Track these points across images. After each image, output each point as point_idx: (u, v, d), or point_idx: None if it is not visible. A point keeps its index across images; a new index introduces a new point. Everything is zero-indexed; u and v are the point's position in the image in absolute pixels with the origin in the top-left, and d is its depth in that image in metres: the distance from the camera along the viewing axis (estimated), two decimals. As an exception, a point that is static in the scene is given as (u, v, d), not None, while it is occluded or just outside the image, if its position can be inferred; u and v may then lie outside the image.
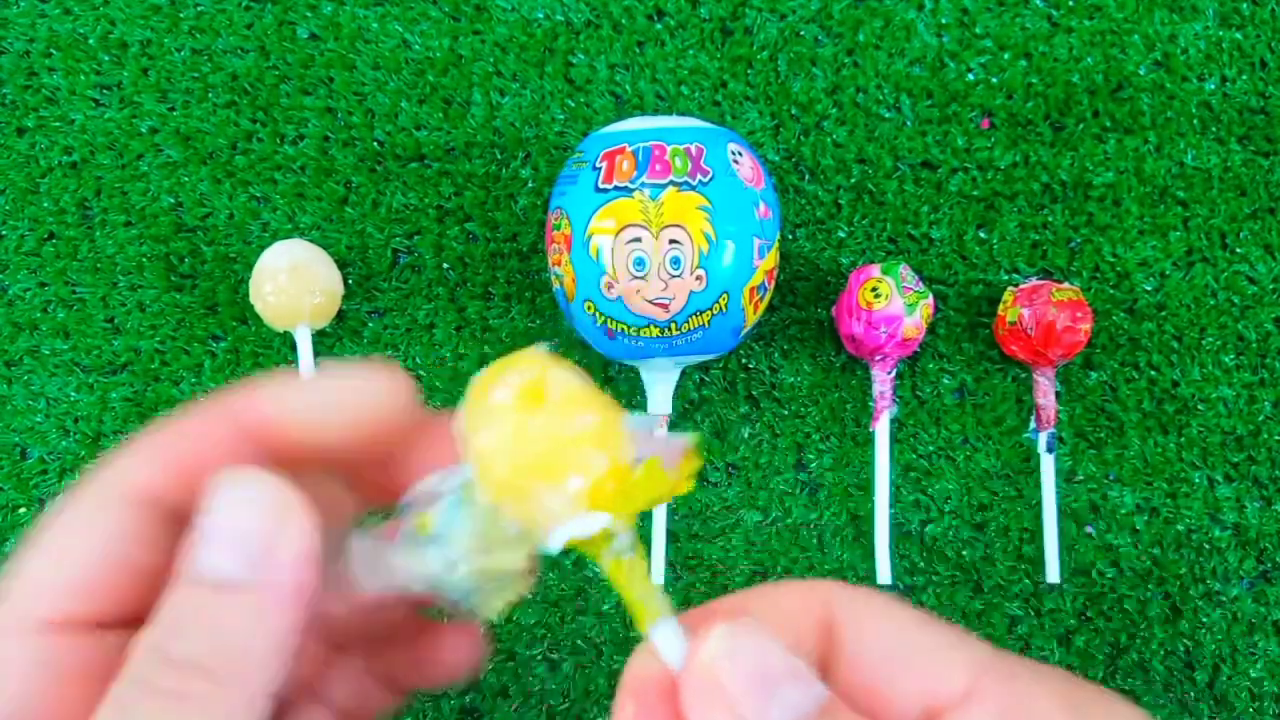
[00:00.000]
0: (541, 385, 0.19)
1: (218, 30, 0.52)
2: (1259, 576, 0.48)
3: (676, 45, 0.51)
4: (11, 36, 0.52)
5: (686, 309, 0.42)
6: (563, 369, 0.19)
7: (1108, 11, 0.50)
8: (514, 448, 0.18)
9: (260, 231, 0.51)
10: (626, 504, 0.19)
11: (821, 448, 0.49)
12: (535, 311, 0.51)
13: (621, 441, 0.19)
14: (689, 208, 0.42)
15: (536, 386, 0.19)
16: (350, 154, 0.51)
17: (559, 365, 0.20)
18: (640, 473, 0.19)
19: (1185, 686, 0.48)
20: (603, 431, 0.19)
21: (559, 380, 0.19)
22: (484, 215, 0.51)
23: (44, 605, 0.18)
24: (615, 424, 0.19)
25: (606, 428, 0.19)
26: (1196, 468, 0.49)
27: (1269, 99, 0.50)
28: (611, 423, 0.19)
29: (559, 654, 0.48)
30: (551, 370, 0.19)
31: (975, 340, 0.50)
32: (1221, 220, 0.50)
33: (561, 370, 0.19)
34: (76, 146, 0.52)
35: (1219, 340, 0.49)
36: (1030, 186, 0.50)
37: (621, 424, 0.19)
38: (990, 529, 0.49)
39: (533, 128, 0.51)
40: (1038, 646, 0.48)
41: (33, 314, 0.51)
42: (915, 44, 0.51)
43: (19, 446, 0.51)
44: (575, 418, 0.19)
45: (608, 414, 0.19)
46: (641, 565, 0.19)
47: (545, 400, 0.19)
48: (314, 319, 0.48)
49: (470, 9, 0.51)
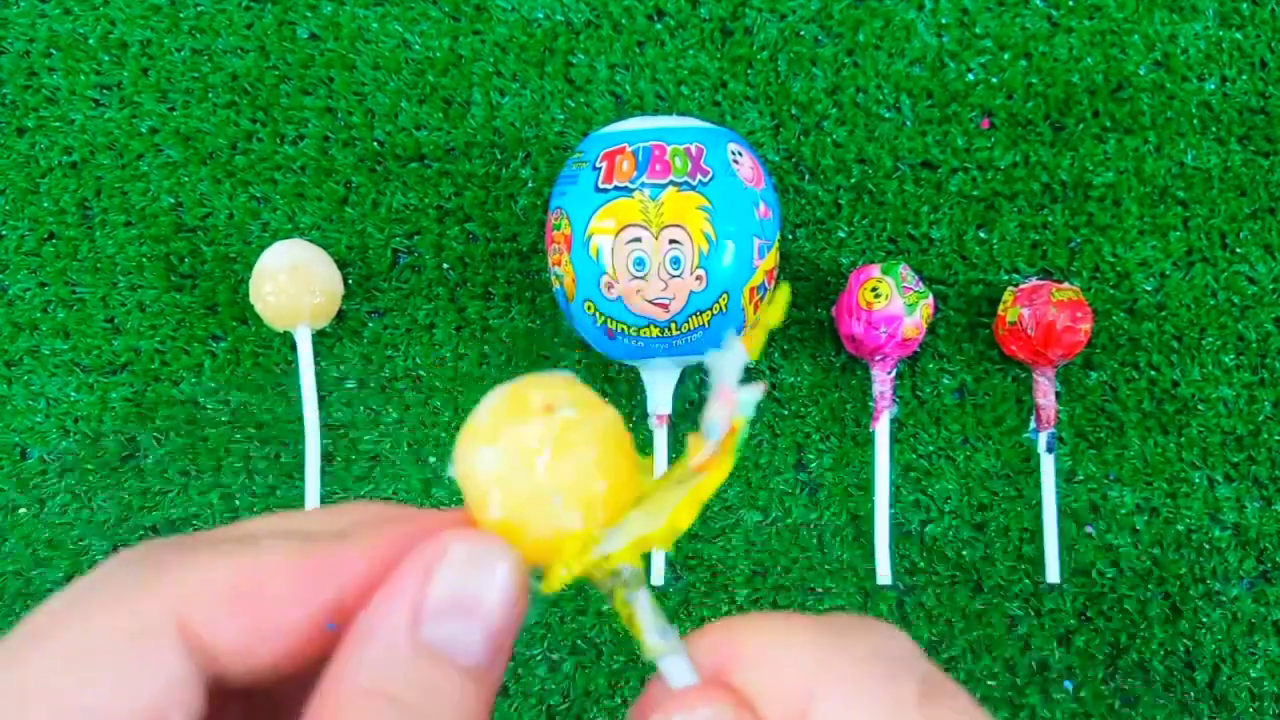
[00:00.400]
0: (536, 412, 0.18)
1: (218, 30, 0.52)
2: (1259, 576, 0.48)
3: (676, 45, 0.51)
4: (11, 36, 0.52)
5: (686, 309, 0.42)
6: (564, 391, 0.19)
7: (1108, 11, 0.50)
8: (509, 497, 0.18)
9: (260, 231, 0.51)
10: (633, 543, 0.18)
11: (821, 448, 0.49)
12: (535, 311, 0.51)
13: (626, 468, 0.19)
14: (689, 208, 0.42)
15: (528, 410, 0.18)
16: (350, 154, 0.51)
17: (572, 388, 0.19)
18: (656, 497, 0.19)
19: (1185, 686, 0.48)
20: (608, 459, 0.18)
21: (559, 400, 0.18)
22: (484, 215, 0.51)
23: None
24: (622, 448, 0.19)
25: (612, 453, 0.18)
26: (1196, 468, 0.49)
27: (1269, 99, 0.50)
28: (621, 447, 0.19)
29: (559, 654, 0.48)
30: (550, 393, 0.18)
31: (975, 340, 0.50)
32: (1221, 220, 0.50)
33: (562, 391, 0.19)
34: (76, 146, 0.52)
35: (1219, 340, 0.49)
36: (1030, 186, 0.50)
37: (628, 448, 0.19)
38: (990, 529, 0.49)
39: (533, 128, 0.51)
40: (1038, 646, 0.48)
41: (33, 314, 0.51)
42: (915, 44, 0.51)
43: (19, 446, 0.51)
44: (572, 459, 0.18)
45: (615, 438, 0.19)
46: (647, 597, 0.19)
47: (543, 428, 0.18)
48: (314, 319, 0.48)
49: (470, 9, 0.51)
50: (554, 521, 0.18)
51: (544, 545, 0.18)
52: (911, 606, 0.49)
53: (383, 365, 0.50)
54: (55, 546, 0.50)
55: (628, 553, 0.18)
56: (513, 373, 0.50)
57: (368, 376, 0.50)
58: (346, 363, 0.50)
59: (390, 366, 0.50)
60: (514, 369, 0.50)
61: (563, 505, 0.18)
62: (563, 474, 0.18)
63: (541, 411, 0.18)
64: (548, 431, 0.18)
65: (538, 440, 0.18)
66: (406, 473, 0.50)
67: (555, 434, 0.18)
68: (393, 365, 0.50)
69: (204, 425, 0.50)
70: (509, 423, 0.18)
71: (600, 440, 0.18)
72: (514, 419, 0.18)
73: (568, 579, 0.18)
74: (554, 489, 0.18)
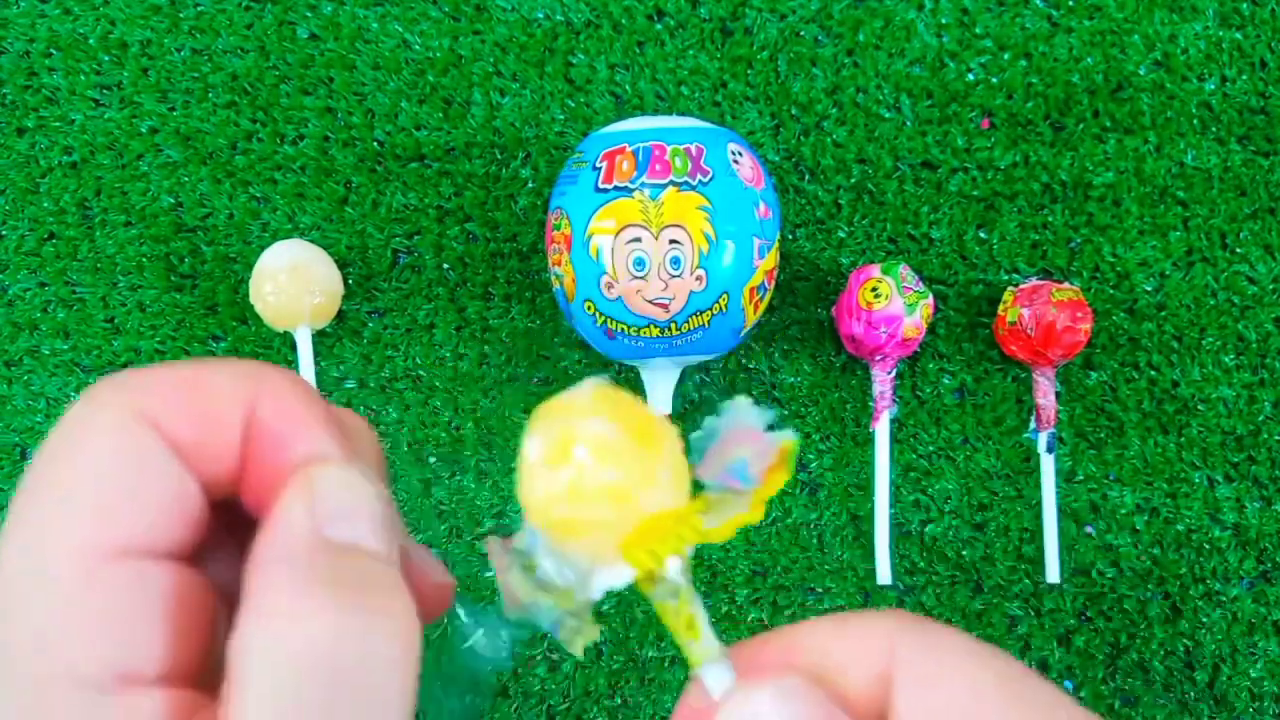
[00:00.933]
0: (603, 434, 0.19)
1: (218, 30, 0.52)
2: (1259, 576, 0.48)
3: (676, 45, 0.51)
4: (11, 36, 0.52)
5: (686, 309, 0.42)
6: (622, 404, 0.19)
7: (1108, 11, 0.50)
8: (570, 495, 0.18)
9: (260, 231, 0.51)
10: (676, 546, 0.19)
11: (821, 448, 0.49)
12: (535, 311, 0.51)
13: (678, 484, 0.19)
14: (689, 208, 0.42)
15: (600, 436, 0.18)
16: (350, 154, 0.51)
17: (620, 402, 0.19)
18: (699, 510, 0.19)
19: (1185, 686, 0.48)
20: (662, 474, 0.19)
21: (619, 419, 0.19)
22: (484, 215, 0.51)
23: (105, 533, 0.16)
24: (675, 466, 0.19)
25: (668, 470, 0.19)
26: (1196, 468, 0.49)
27: (1269, 99, 0.50)
28: (675, 465, 0.19)
29: (559, 654, 0.48)
30: (613, 407, 0.19)
31: (975, 340, 0.50)
32: (1221, 220, 0.50)
33: (622, 404, 0.19)
34: (76, 146, 0.52)
35: (1219, 340, 0.49)
36: (1030, 186, 0.50)
37: (680, 467, 0.19)
38: (990, 529, 0.49)
39: (533, 128, 0.51)
40: (1038, 646, 0.48)
41: (33, 314, 0.51)
42: (915, 44, 0.51)
43: (19, 446, 0.51)
44: (634, 463, 0.18)
45: (665, 455, 0.19)
46: (692, 605, 0.19)
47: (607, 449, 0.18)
48: (314, 319, 0.48)
49: (470, 9, 0.51)
50: (658, 498, 0.19)
51: (650, 521, 0.19)
52: (911, 606, 0.49)
53: (383, 365, 0.50)
54: (55, 546, 0.50)
55: (728, 529, 0.19)
56: (512, 373, 0.50)
57: (368, 376, 0.50)
58: (346, 363, 0.50)
59: (390, 366, 0.50)
60: (514, 369, 0.50)
61: (669, 481, 0.19)
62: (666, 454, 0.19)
63: (633, 402, 0.19)
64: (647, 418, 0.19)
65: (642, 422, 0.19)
66: (406, 473, 0.50)
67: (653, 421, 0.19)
68: (393, 365, 0.50)
69: (204, 425, 0.50)
70: (610, 405, 0.19)
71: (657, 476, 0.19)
72: (614, 403, 0.19)
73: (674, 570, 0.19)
74: (662, 465, 0.19)
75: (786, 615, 0.49)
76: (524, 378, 0.50)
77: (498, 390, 0.50)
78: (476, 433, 0.50)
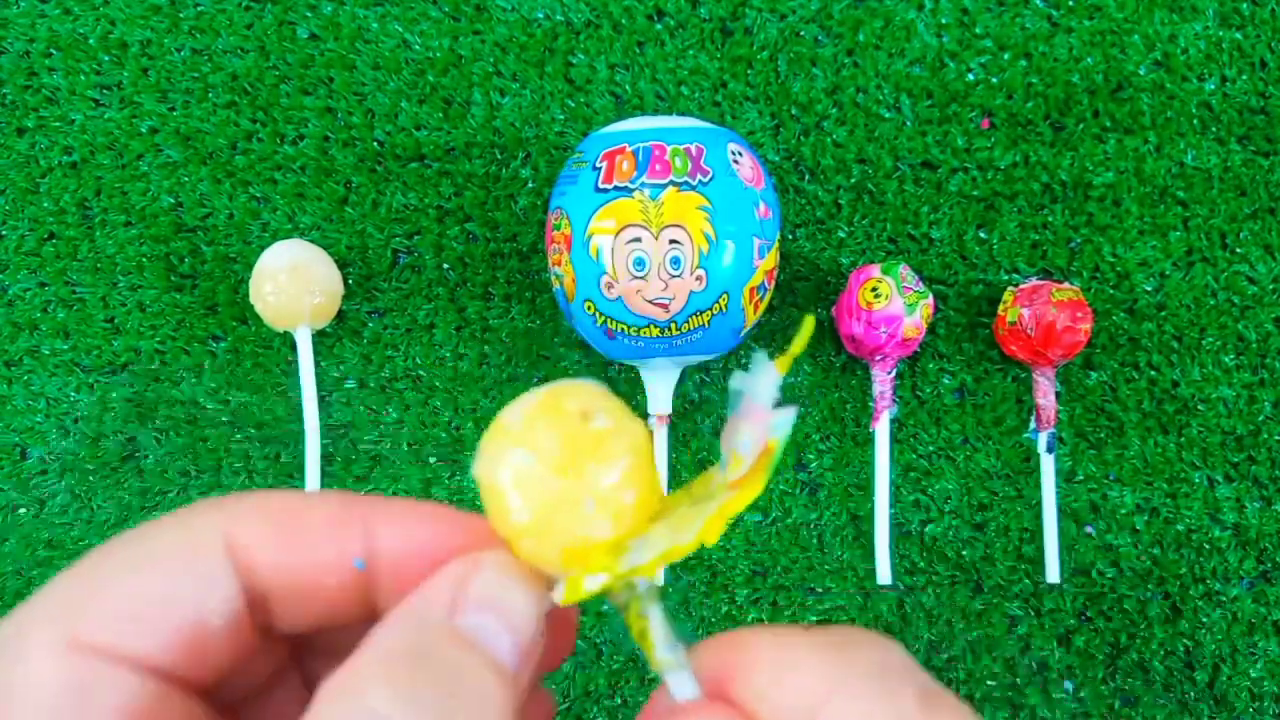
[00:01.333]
0: (575, 434, 0.18)
1: (218, 30, 0.52)
2: (1259, 576, 0.48)
3: (676, 45, 0.51)
4: (11, 36, 0.52)
5: (686, 309, 0.42)
6: (600, 400, 0.19)
7: (1108, 11, 0.50)
8: (539, 500, 0.18)
9: (260, 231, 0.51)
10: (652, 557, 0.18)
11: (821, 448, 0.49)
12: (535, 311, 0.51)
13: (649, 484, 0.19)
14: (689, 208, 0.42)
15: (571, 435, 0.18)
16: (350, 154, 0.51)
17: (606, 399, 0.19)
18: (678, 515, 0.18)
19: (1185, 686, 0.48)
20: (633, 473, 0.18)
21: (591, 408, 0.18)
22: (484, 215, 0.51)
23: (91, 625, 0.16)
24: (645, 464, 0.19)
25: (635, 468, 0.18)
26: (1196, 468, 0.49)
27: (1269, 99, 0.50)
28: (643, 462, 0.18)
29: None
30: (601, 402, 0.18)
31: (975, 340, 0.50)
32: (1221, 220, 0.50)
33: (602, 402, 0.19)
34: (76, 146, 0.52)
35: (1219, 340, 0.49)
36: (1030, 186, 0.50)
37: (650, 464, 0.19)
38: (990, 529, 0.49)
39: (533, 128, 0.51)
40: (1038, 646, 0.48)
41: (33, 314, 0.51)
42: (915, 44, 0.51)
43: (19, 446, 0.51)
44: (607, 467, 0.18)
45: (637, 449, 0.19)
46: (660, 611, 0.19)
47: (577, 452, 0.18)
48: (314, 319, 0.48)
49: (470, 9, 0.51)
50: (583, 529, 0.18)
51: (570, 553, 0.18)
52: (911, 606, 0.49)
53: (383, 365, 0.50)
54: (55, 546, 0.50)
55: (653, 566, 0.18)
56: (512, 373, 0.50)
57: (368, 376, 0.50)
58: (346, 363, 0.50)
59: (390, 366, 0.50)
60: (514, 369, 0.50)
61: (594, 512, 0.18)
62: (596, 481, 0.18)
63: (578, 418, 0.18)
64: (584, 438, 0.18)
65: (573, 446, 0.18)
66: (406, 473, 0.50)
67: (591, 441, 0.18)
68: (393, 365, 0.50)
69: (204, 425, 0.50)
70: (544, 426, 0.18)
71: (633, 452, 0.18)
72: (549, 423, 0.18)
73: (594, 590, 0.18)
74: (587, 495, 0.18)
75: (786, 615, 0.49)
76: (524, 378, 0.50)
77: (498, 390, 0.50)
78: (476, 433, 0.50)
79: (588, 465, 0.18)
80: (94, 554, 0.17)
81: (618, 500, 0.18)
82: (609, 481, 0.18)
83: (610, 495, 0.18)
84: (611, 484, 0.18)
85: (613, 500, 0.18)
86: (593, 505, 0.18)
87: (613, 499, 0.18)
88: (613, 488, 0.18)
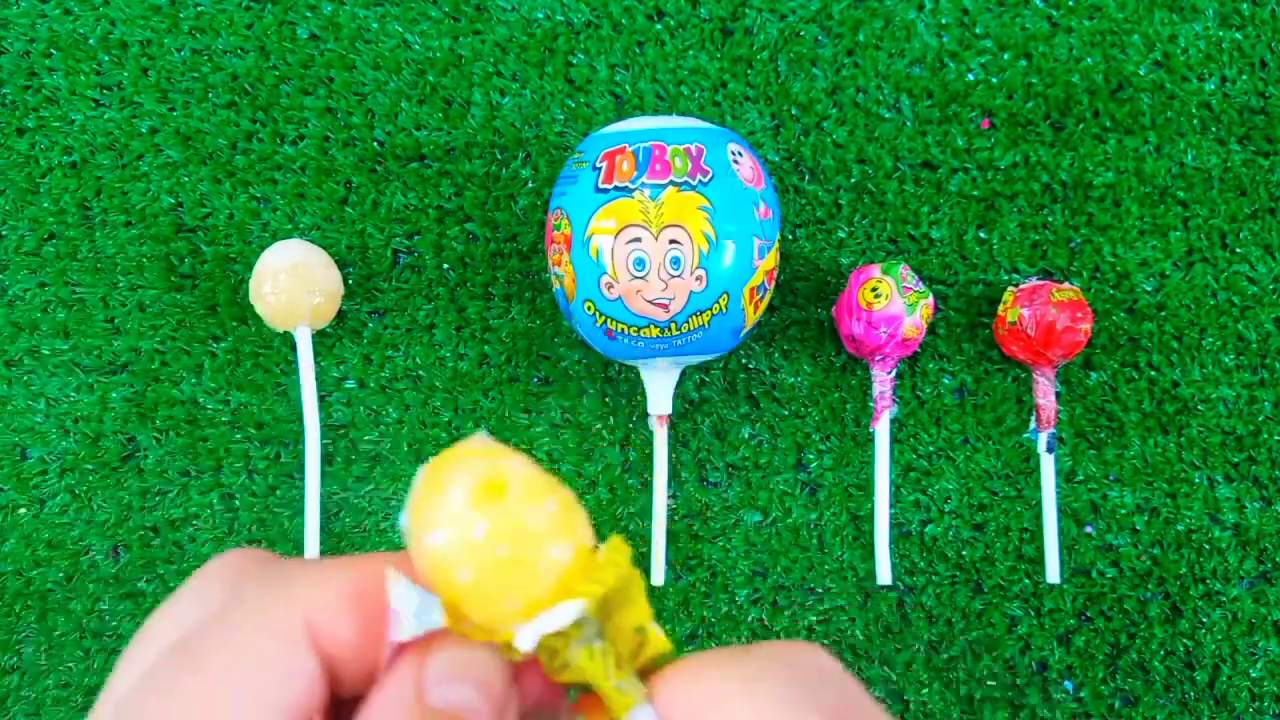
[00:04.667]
0: (498, 481, 0.18)
1: (218, 30, 0.52)
2: (1259, 576, 0.48)
3: (676, 45, 0.51)
4: (11, 36, 0.52)
5: (686, 309, 0.42)
6: (512, 457, 0.19)
7: (1108, 11, 0.50)
8: (476, 552, 0.18)
9: (260, 231, 0.51)
10: (596, 586, 0.19)
11: (821, 448, 0.49)
12: (535, 311, 0.51)
13: (582, 525, 0.19)
14: (689, 208, 0.42)
15: (493, 482, 0.18)
16: (350, 154, 0.51)
17: (507, 454, 0.19)
18: (605, 553, 0.19)
19: (1185, 686, 0.48)
20: (564, 518, 0.19)
21: (513, 471, 0.19)
22: (484, 215, 0.51)
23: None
24: (574, 508, 0.19)
25: (567, 513, 0.19)
26: (1196, 468, 0.49)
27: (1269, 99, 0.50)
28: (571, 506, 0.19)
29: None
30: (504, 461, 0.19)
31: (975, 340, 0.50)
32: (1221, 220, 0.50)
33: (512, 459, 0.19)
34: (76, 146, 0.52)
35: (1219, 340, 0.49)
36: (1030, 186, 0.50)
37: (578, 507, 0.19)
38: (990, 529, 0.49)
39: (533, 128, 0.51)
40: (1038, 646, 0.48)
41: (33, 314, 0.51)
42: (915, 44, 0.51)
43: (19, 446, 0.51)
44: (535, 510, 0.18)
45: (565, 498, 0.19)
46: (612, 652, 0.19)
47: (503, 496, 0.18)
48: (314, 319, 0.48)
49: (470, 9, 0.51)
50: (526, 589, 0.18)
51: (513, 614, 0.18)
52: (911, 606, 0.49)
53: (383, 365, 0.50)
54: (55, 546, 0.50)
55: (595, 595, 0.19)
56: (512, 373, 0.50)
57: (368, 376, 0.50)
58: (346, 363, 0.50)
59: (390, 366, 0.50)
60: (514, 369, 0.50)
61: (540, 570, 0.18)
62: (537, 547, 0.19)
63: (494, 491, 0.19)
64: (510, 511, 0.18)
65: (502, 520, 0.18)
66: (406, 473, 0.50)
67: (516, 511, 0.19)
68: (393, 365, 0.50)
69: (204, 425, 0.50)
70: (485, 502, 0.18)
71: (571, 518, 0.19)
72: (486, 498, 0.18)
73: (550, 632, 0.18)
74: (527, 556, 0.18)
75: (786, 615, 0.49)
76: (524, 378, 0.50)
77: (498, 390, 0.50)
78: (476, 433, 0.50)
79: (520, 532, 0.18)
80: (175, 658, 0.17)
81: (552, 559, 0.19)
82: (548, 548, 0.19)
83: (548, 557, 0.19)
84: (550, 549, 0.19)
85: (551, 565, 0.19)
86: (541, 566, 0.18)
87: (549, 560, 0.19)
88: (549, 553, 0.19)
